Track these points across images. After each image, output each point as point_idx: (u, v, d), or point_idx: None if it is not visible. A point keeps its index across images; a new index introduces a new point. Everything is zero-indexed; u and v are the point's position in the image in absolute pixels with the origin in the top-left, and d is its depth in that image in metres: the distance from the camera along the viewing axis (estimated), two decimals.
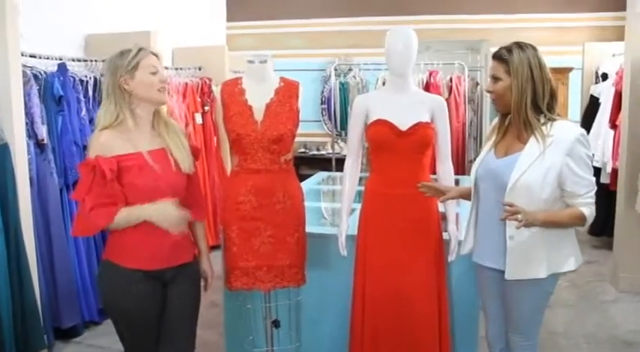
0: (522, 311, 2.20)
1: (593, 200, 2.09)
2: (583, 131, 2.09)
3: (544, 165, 2.03)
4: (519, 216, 1.94)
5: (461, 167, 5.54)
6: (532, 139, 2.07)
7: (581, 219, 2.08)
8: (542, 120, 2.08)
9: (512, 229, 2.06)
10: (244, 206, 2.41)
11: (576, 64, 5.84)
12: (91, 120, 3.84)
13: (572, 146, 2.02)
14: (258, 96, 2.42)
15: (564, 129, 2.06)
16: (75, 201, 2.13)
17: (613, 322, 3.86)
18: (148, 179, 2.05)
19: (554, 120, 2.08)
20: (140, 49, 2.08)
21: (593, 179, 2.10)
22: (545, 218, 2.03)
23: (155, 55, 2.13)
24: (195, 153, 2.29)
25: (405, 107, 2.48)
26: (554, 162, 2.03)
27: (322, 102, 7.28)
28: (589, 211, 2.08)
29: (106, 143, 2.03)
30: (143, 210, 2.05)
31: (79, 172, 2.04)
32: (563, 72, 6.03)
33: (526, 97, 2.05)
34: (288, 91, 2.46)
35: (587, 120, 5.41)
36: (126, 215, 2.03)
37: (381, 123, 2.47)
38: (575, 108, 5.82)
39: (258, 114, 2.40)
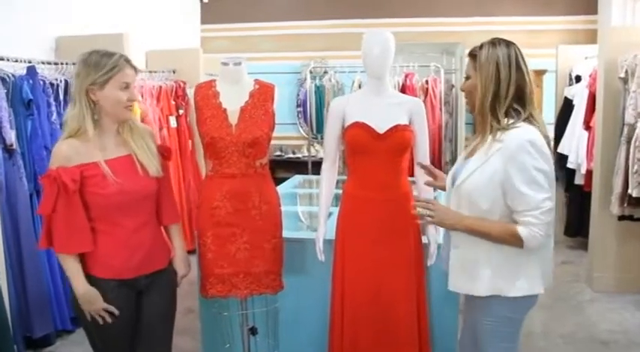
0: (478, 331, 2.04)
1: (535, 221, 1.81)
2: (532, 138, 1.83)
3: (486, 173, 1.86)
4: (427, 211, 1.91)
5: (437, 169, 5.53)
6: (485, 144, 1.90)
7: (514, 236, 1.83)
8: (502, 124, 1.86)
9: (459, 238, 1.97)
10: (219, 211, 2.37)
11: (550, 67, 5.90)
12: (62, 125, 3.74)
13: (513, 154, 1.81)
14: (233, 99, 2.38)
15: (514, 135, 1.83)
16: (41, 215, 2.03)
17: (590, 322, 3.89)
18: (112, 187, 2.00)
19: (516, 124, 1.86)
20: (116, 65, 1.99)
21: (539, 197, 1.81)
22: (470, 224, 1.89)
23: (134, 67, 2.07)
24: (166, 154, 2.24)
25: (383, 110, 2.46)
26: (496, 170, 1.84)
27: (298, 105, 7.25)
28: (526, 232, 1.82)
29: (68, 153, 1.97)
30: (76, 281, 2.01)
31: (43, 185, 1.98)
32: (537, 74, 6.08)
33: (488, 96, 1.87)
34: (263, 94, 2.42)
35: (562, 122, 5.45)
36: (68, 266, 2.01)
37: (359, 126, 2.44)
38: (549, 109, 5.86)
39: (233, 118, 2.35)
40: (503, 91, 1.86)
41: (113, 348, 2.12)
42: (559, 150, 5.27)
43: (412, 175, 2.60)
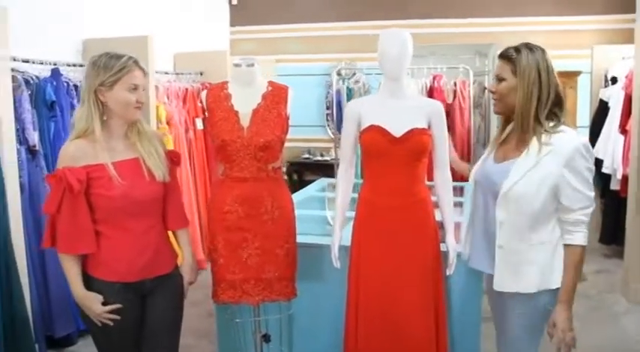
0: (510, 327, 2.08)
1: (586, 219, 1.95)
2: (585, 142, 1.95)
3: (538, 175, 1.93)
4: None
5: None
6: (530, 146, 1.96)
7: (577, 252, 1.95)
8: (545, 127, 1.95)
9: (503, 238, 1.99)
10: (230, 216, 2.32)
11: (585, 68, 5.69)
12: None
13: (570, 156, 1.90)
14: (245, 102, 2.33)
15: (565, 138, 1.93)
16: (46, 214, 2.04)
17: (624, 334, 3.73)
18: (118, 190, 1.99)
19: (557, 128, 1.95)
20: (125, 66, 1.99)
21: (592, 195, 1.95)
22: (564, 299, 1.95)
23: (142, 69, 2.06)
24: (175, 159, 2.22)
25: (400, 112, 2.37)
26: (549, 172, 1.92)
27: (327, 107, 7.18)
28: (580, 237, 1.95)
29: (76, 153, 1.98)
30: (73, 285, 2.02)
31: (49, 184, 1.98)
32: (571, 76, 5.87)
33: (532, 101, 1.94)
34: (276, 96, 2.37)
35: (597, 125, 5.28)
36: (67, 269, 2.01)
37: (374, 129, 2.36)
38: (584, 112, 5.67)
39: (245, 120, 2.30)
40: (544, 95, 1.94)
41: (119, 348, 2.10)
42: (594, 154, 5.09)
43: (430, 180, 2.52)
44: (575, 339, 1.95)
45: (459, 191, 3.20)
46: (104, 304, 2.01)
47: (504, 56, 2.01)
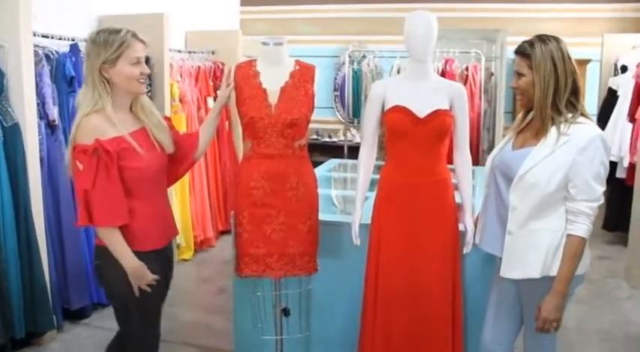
0: (529, 311, 2.13)
1: (590, 212, 1.95)
2: (603, 134, 1.97)
3: (553, 163, 1.96)
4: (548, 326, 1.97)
5: (474, 157, 5.45)
6: (548, 135, 1.99)
7: (573, 249, 1.95)
8: (564, 117, 1.97)
9: (513, 224, 2.03)
10: (256, 191, 2.37)
11: (594, 56, 5.73)
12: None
13: (585, 147, 1.92)
14: (273, 80, 2.37)
15: (583, 130, 1.95)
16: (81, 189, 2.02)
17: (626, 319, 3.81)
18: (143, 161, 2.04)
19: (576, 119, 1.98)
20: (124, 41, 2.00)
21: (600, 190, 1.95)
22: (563, 281, 1.96)
23: (142, 41, 2.08)
24: (169, 124, 2.30)
25: (424, 94, 2.41)
26: (564, 161, 1.94)
27: (335, 89, 7.21)
28: (580, 228, 1.95)
29: (99, 126, 1.98)
30: (127, 257, 2.02)
31: (80, 161, 1.95)
32: (580, 64, 5.87)
33: (549, 92, 1.97)
34: (303, 75, 2.41)
35: (605, 113, 5.31)
36: (116, 242, 2.02)
37: (399, 109, 2.40)
38: (592, 100, 5.69)
39: (273, 98, 2.34)
40: (562, 85, 1.96)
41: (153, 316, 2.19)
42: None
43: (450, 162, 2.56)
44: (557, 327, 2.00)
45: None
46: None
47: (519, 52, 2.04)
